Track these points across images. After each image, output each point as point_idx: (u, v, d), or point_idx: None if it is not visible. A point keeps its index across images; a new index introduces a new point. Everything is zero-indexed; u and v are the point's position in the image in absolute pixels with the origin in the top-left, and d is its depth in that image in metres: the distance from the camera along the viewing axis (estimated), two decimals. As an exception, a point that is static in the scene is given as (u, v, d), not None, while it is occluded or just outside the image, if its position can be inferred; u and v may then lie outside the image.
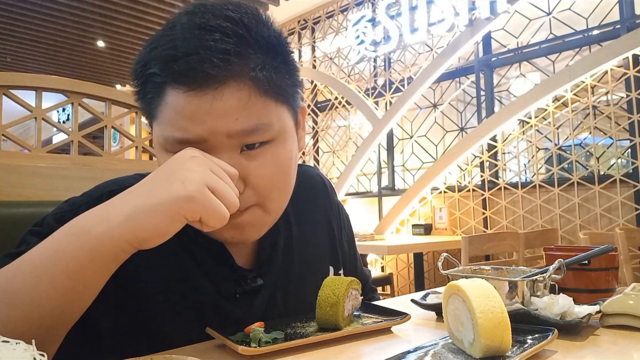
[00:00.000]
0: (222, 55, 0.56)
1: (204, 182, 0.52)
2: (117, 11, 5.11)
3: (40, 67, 6.82)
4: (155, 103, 0.60)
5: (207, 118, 0.57)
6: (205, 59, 0.55)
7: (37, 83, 1.27)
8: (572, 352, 0.58)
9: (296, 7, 5.26)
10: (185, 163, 0.54)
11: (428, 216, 4.17)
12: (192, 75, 0.55)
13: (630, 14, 3.20)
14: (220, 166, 0.55)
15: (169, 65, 0.56)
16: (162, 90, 0.58)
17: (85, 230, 0.51)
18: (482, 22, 3.73)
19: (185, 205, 0.51)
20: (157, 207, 0.51)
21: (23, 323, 0.50)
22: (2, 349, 0.35)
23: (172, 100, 0.57)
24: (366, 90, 4.69)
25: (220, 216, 0.52)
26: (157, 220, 0.50)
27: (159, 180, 0.53)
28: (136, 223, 0.50)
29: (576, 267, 0.78)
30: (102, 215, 0.52)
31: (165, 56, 0.57)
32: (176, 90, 0.57)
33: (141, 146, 1.49)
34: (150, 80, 0.59)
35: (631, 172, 3.14)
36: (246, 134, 0.59)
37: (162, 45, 0.58)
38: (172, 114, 0.58)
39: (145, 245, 0.52)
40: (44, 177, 1.09)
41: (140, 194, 0.53)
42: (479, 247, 2.39)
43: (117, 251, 0.51)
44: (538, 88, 3.46)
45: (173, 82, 0.57)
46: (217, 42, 0.56)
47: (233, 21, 0.58)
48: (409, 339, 0.66)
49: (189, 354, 0.59)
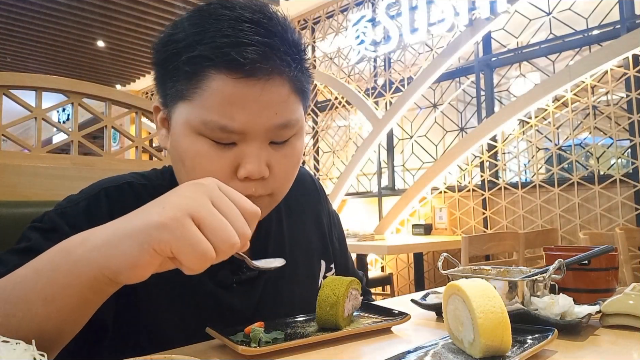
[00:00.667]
0: (271, 50, 0.58)
1: (187, 210, 0.44)
2: (117, 11, 5.11)
3: (40, 67, 6.82)
4: (192, 85, 0.59)
5: (254, 108, 0.58)
6: (258, 50, 0.57)
7: (37, 83, 1.27)
8: (572, 352, 0.58)
9: (296, 7, 5.26)
10: (186, 187, 0.49)
11: (428, 216, 4.17)
12: (246, 64, 0.56)
13: (630, 14, 3.20)
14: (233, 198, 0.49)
15: (223, 51, 0.57)
16: (205, 74, 0.58)
17: (67, 250, 0.48)
18: (482, 22, 3.73)
19: (155, 234, 0.44)
20: (128, 233, 0.45)
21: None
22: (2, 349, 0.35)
23: (218, 86, 0.58)
24: (366, 90, 4.69)
25: (196, 254, 0.44)
26: (124, 249, 0.45)
27: (150, 204, 0.48)
28: (108, 250, 0.45)
29: (576, 267, 0.78)
30: (86, 236, 0.48)
31: (219, 42, 0.57)
32: (224, 76, 0.57)
33: (141, 146, 1.49)
34: (192, 62, 0.58)
35: (631, 172, 3.14)
36: (281, 128, 0.61)
37: (211, 31, 0.58)
38: (217, 99, 0.58)
39: (121, 279, 0.46)
40: (44, 177, 1.09)
41: (127, 216, 0.48)
42: (479, 247, 2.39)
43: (91, 279, 0.47)
44: (538, 88, 3.46)
45: (224, 67, 0.57)
46: (265, 37, 0.58)
47: (271, 20, 0.61)
48: (409, 339, 0.66)
49: (189, 354, 0.59)
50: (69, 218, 0.63)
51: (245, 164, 0.60)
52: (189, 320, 0.68)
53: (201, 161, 0.60)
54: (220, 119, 0.58)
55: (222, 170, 0.61)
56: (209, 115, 0.58)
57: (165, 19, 5.38)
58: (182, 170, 0.64)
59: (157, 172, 0.76)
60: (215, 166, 0.60)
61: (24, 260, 0.58)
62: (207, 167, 0.60)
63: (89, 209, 0.65)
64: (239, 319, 0.70)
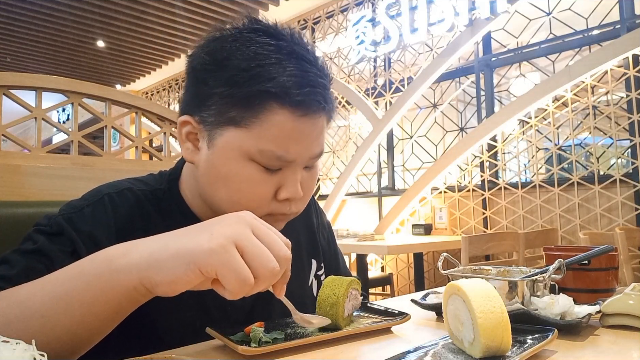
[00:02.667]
0: (325, 91, 0.65)
1: (232, 239, 0.49)
2: (117, 11, 5.11)
3: (40, 67, 6.82)
4: (250, 114, 0.62)
5: (307, 141, 0.65)
6: (320, 93, 0.64)
7: (37, 83, 1.27)
8: (572, 352, 0.58)
9: (296, 7, 5.26)
10: (230, 218, 0.52)
11: (428, 216, 4.17)
12: (309, 106, 0.63)
13: (630, 14, 3.20)
14: (269, 228, 0.53)
15: (291, 92, 0.61)
16: (269, 107, 0.62)
17: (108, 259, 0.51)
18: (482, 22, 3.72)
19: (202, 257, 0.48)
20: (177, 252, 0.49)
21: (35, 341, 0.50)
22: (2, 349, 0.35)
23: (279, 120, 0.62)
24: (366, 90, 4.69)
25: (238, 280, 0.48)
26: (171, 265, 0.49)
27: (195, 228, 0.52)
28: (153, 264, 0.49)
29: (576, 267, 0.78)
30: (128, 247, 0.52)
31: (286, 81, 0.61)
32: (287, 112, 0.62)
33: (141, 146, 1.49)
34: (256, 95, 0.61)
35: (631, 172, 3.14)
36: (318, 156, 0.69)
37: (275, 66, 0.62)
38: (276, 131, 0.62)
39: (157, 290, 0.50)
40: (44, 177, 1.09)
41: (172, 236, 0.52)
42: (479, 247, 2.39)
43: (130, 288, 0.50)
44: (538, 88, 3.46)
45: (289, 105, 0.62)
46: (320, 78, 0.65)
47: (316, 55, 0.67)
48: (409, 339, 0.66)
49: (189, 354, 0.59)
50: (75, 223, 0.64)
51: (288, 187, 0.66)
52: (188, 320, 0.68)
53: (248, 185, 0.64)
54: (277, 149, 0.63)
55: (267, 193, 0.66)
56: (266, 146, 0.62)
57: (165, 19, 5.38)
58: (222, 191, 0.66)
59: (155, 177, 0.77)
60: (261, 189, 0.65)
61: (31, 261, 0.59)
62: (254, 190, 0.65)
63: (94, 214, 0.66)
64: (237, 317, 0.70)
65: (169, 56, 6.65)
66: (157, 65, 7.03)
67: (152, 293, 0.51)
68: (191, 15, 5.31)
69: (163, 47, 6.27)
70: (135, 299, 0.52)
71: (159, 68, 7.14)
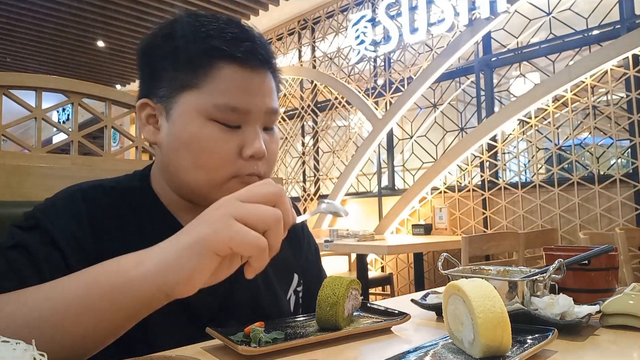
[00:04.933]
0: (267, 48, 0.70)
1: (229, 214, 0.51)
2: (117, 11, 5.12)
3: (40, 67, 6.82)
4: (201, 74, 0.66)
5: (258, 93, 0.68)
6: (261, 47, 0.68)
7: (37, 83, 1.27)
8: (572, 352, 0.58)
9: (296, 7, 5.26)
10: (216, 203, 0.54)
11: (428, 216, 4.17)
12: (254, 57, 0.67)
13: (630, 14, 3.20)
14: (249, 190, 0.54)
15: (235, 44, 0.66)
16: (216, 64, 0.66)
17: (122, 270, 0.52)
18: (482, 22, 3.73)
19: (212, 239, 0.49)
20: (185, 248, 0.50)
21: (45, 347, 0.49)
22: (2, 349, 0.35)
23: (227, 73, 0.66)
24: (366, 90, 4.69)
25: (250, 243, 0.49)
26: (184, 261, 0.50)
27: (191, 225, 0.53)
28: (168, 267, 0.50)
29: (576, 267, 0.78)
30: (139, 258, 0.53)
31: (229, 37, 0.66)
32: (234, 65, 0.66)
33: (141, 146, 1.49)
34: (203, 53, 0.66)
35: (631, 172, 3.14)
36: (272, 114, 0.71)
37: (214, 30, 0.67)
38: (227, 85, 0.66)
39: (176, 292, 0.51)
40: (44, 177, 1.09)
41: (174, 239, 0.53)
42: (479, 247, 2.39)
43: (147, 296, 0.51)
44: (538, 88, 3.46)
45: (233, 60, 0.66)
46: (259, 38, 0.70)
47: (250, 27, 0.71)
48: (409, 339, 0.66)
49: (189, 354, 0.59)
50: (49, 215, 0.66)
51: (252, 143, 0.67)
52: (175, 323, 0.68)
53: (210, 144, 0.66)
54: (230, 101, 0.66)
55: (230, 151, 0.67)
56: (220, 100, 0.65)
57: (165, 18, 5.37)
58: (186, 157, 0.67)
59: (128, 175, 0.79)
60: (223, 147, 0.66)
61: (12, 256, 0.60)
62: (216, 149, 0.66)
63: (66, 206, 0.68)
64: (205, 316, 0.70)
65: (169, 56, 6.64)
66: (157, 65, 7.02)
67: (170, 297, 0.52)
68: (191, 15, 5.31)
69: (163, 47, 6.26)
70: (152, 305, 0.53)
71: (159, 68, 7.14)
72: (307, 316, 0.74)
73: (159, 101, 0.69)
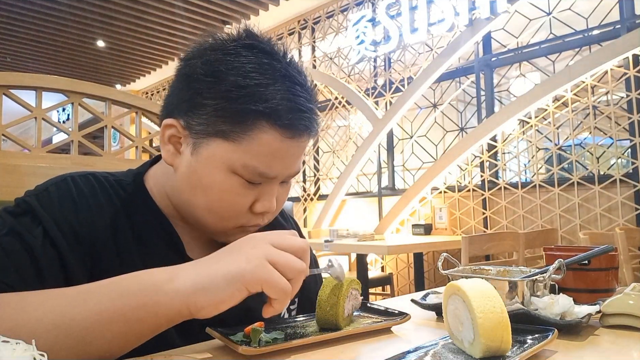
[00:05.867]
0: (313, 117, 0.69)
1: (265, 257, 0.56)
2: (117, 11, 5.11)
3: (40, 67, 6.82)
4: (240, 130, 0.64)
5: (290, 160, 0.68)
6: (308, 118, 0.67)
7: (37, 83, 1.27)
8: (572, 352, 0.58)
9: (296, 7, 5.26)
10: (249, 240, 0.59)
11: (428, 216, 4.17)
12: (297, 129, 0.66)
13: (630, 14, 3.20)
14: (282, 238, 0.60)
15: (282, 115, 0.64)
16: (259, 126, 0.64)
17: (156, 285, 0.55)
18: (482, 22, 3.73)
19: (248, 276, 0.55)
20: (224, 276, 0.55)
21: (68, 351, 0.52)
22: (2, 349, 0.35)
23: (267, 139, 0.64)
24: (366, 90, 4.69)
25: (280, 288, 0.55)
26: (218, 289, 0.54)
27: (226, 255, 0.57)
28: (199, 289, 0.54)
29: (576, 267, 0.78)
30: (172, 274, 0.56)
31: (278, 105, 0.64)
32: (275, 132, 0.64)
33: (141, 146, 1.49)
34: (249, 112, 0.63)
35: (631, 172, 3.14)
36: (296, 174, 0.72)
37: (268, 88, 0.64)
38: (262, 149, 0.65)
39: (200, 314, 0.55)
40: (44, 177, 1.08)
41: (208, 264, 0.57)
42: (479, 247, 2.39)
43: (173, 312, 0.54)
44: (538, 88, 3.46)
45: (279, 127, 0.64)
46: (309, 103, 0.68)
47: (307, 79, 0.70)
48: (409, 339, 0.66)
49: (189, 354, 0.59)
50: (41, 201, 0.66)
51: (264, 201, 0.69)
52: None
53: (228, 196, 0.67)
54: (260, 166, 0.65)
55: (244, 205, 0.68)
56: (251, 161, 0.65)
57: (165, 18, 5.38)
58: (201, 199, 0.68)
59: (122, 172, 0.79)
60: (239, 201, 0.68)
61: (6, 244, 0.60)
62: (232, 202, 0.67)
63: (59, 192, 0.67)
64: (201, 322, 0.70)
65: (169, 56, 6.65)
66: (157, 65, 7.03)
67: (193, 315, 0.55)
68: (191, 15, 5.31)
69: (163, 47, 6.27)
70: (175, 320, 0.56)
71: (159, 68, 7.15)
72: (307, 316, 0.74)
73: (189, 131, 0.67)
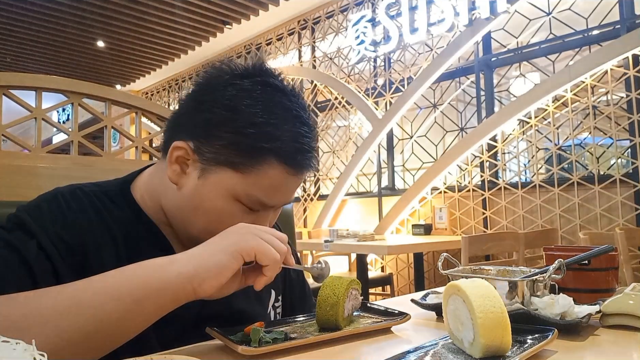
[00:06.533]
0: (315, 156, 0.75)
1: (252, 234, 0.63)
2: (117, 11, 5.12)
3: (40, 67, 6.82)
4: (249, 163, 0.68)
5: (289, 193, 0.74)
6: (312, 157, 0.73)
7: (37, 83, 1.27)
8: (572, 352, 0.58)
9: (296, 7, 5.26)
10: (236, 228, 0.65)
11: (428, 216, 4.17)
12: (302, 167, 0.72)
13: (630, 14, 3.20)
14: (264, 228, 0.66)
15: (291, 155, 0.69)
16: (268, 161, 0.68)
17: (158, 265, 0.60)
18: (482, 22, 3.72)
19: (242, 244, 0.61)
20: (219, 251, 0.61)
21: (79, 334, 0.54)
22: (2, 349, 0.35)
23: (273, 173, 0.69)
24: (366, 90, 4.69)
25: (271, 254, 0.62)
26: (217, 259, 0.60)
27: (218, 239, 0.63)
28: (200, 262, 0.60)
29: (576, 267, 0.78)
30: (172, 258, 0.61)
31: (290, 146, 0.69)
32: (282, 168, 0.69)
33: (141, 146, 1.49)
34: (261, 148, 0.68)
35: (631, 172, 3.14)
36: (291, 202, 0.77)
37: (278, 128, 0.69)
38: (268, 182, 0.69)
39: (202, 288, 0.59)
40: (44, 177, 1.09)
41: (204, 246, 0.63)
42: (479, 247, 2.39)
43: (178, 288, 0.59)
44: (538, 88, 3.46)
45: (286, 165, 0.69)
46: (313, 142, 0.73)
47: (311, 118, 0.75)
48: (409, 339, 0.66)
49: (189, 354, 0.59)
50: (33, 216, 0.67)
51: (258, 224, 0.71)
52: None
53: (227, 219, 0.70)
54: (263, 197, 0.70)
55: None
56: (255, 192, 0.69)
57: (165, 19, 5.38)
58: (200, 220, 0.71)
59: (110, 181, 0.80)
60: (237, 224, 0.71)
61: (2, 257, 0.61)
62: (230, 224, 0.69)
63: (50, 209, 0.69)
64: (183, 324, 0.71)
65: (169, 56, 6.65)
66: (157, 65, 7.03)
67: (196, 292, 0.59)
68: (191, 15, 5.32)
69: (163, 47, 6.27)
70: (179, 298, 0.59)
71: (159, 68, 7.15)
72: (307, 316, 0.74)
73: (199, 156, 0.70)
